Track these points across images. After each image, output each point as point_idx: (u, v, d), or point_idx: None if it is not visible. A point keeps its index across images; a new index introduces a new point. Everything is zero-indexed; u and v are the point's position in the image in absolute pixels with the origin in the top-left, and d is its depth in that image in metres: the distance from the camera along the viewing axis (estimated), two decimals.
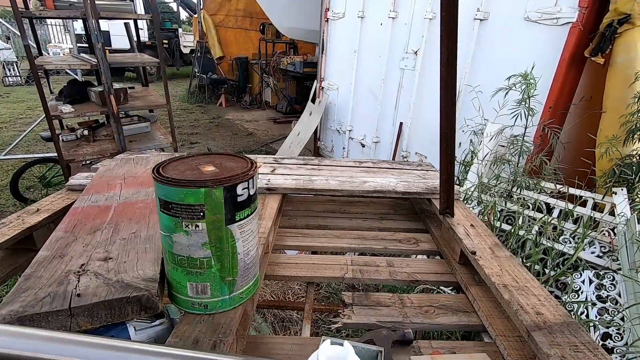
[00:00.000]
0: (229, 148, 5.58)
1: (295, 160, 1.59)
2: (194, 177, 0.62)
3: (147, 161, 1.32)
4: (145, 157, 1.38)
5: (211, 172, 0.66)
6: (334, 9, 3.96)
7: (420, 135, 3.16)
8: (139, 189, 1.08)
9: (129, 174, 1.20)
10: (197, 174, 0.65)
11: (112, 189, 1.08)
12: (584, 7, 1.96)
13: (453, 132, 1.03)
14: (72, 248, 0.77)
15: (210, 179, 0.61)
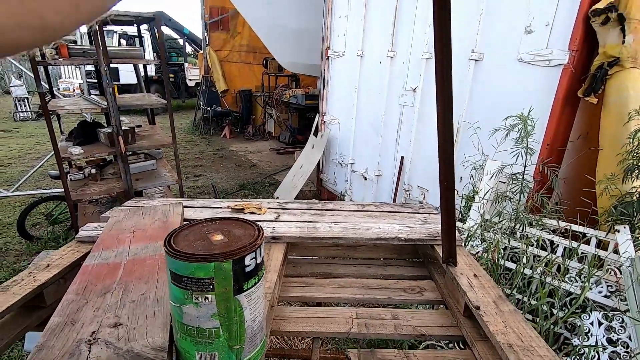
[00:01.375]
0: (232, 180, 5.64)
1: (298, 205, 1.62)
2: (203, 251, 0.65)
3: (154, 211, 1.36)
4: (152, 206, 1.41)
5: (220, 243, 0.69)
6: (334, 48, 4.12)
7: (422, 169, 3.20)
8: (148, 244, 1.11)
9: (137, 227, 1.23)
10: (207, 245, 0.68)
11: (121, 243, 1.11)
12: (574, 50, 2.05)
13: (452, 186, 1.07)
14: (84, 313, 0.79)
15: (219, 252, 0.64)
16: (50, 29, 0.19)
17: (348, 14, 3.85)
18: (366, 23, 3.61)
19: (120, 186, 2.92)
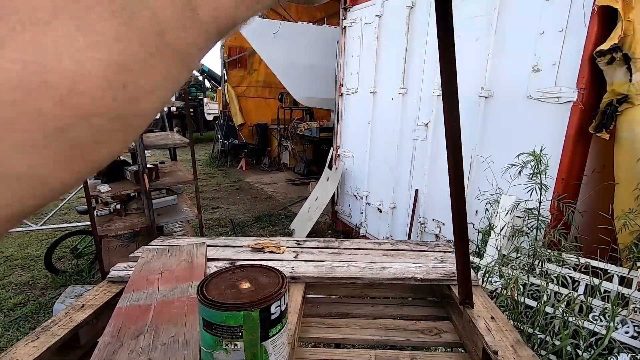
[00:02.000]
0: (249, 212, 5.74)
1: (316, 243, 1.67)
2: (233, 300, 0.71)
3: (180, 251, 1.43)
4: (178, 246, 1.49)
5: (248, 292, 0.74)
6: (348, 85, 4.30)
7: (436, 202, 3.22)
8: (175, 285, 1.17)
9: (165, 267, 1.30)
10: (236, 293, 0.74)
11: (150, 285, 1.18)
12: (582, 88, 2.10)
13: (465, 229, 1.10)
14: (119, 356, 0.85)
15: (248, 301, 0.70)
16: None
17: (360, 54, 4.04)
18: (378, 62, 3.77)
19: (144, 221, 3.04)
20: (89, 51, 0.16)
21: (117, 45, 0.17)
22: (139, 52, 0.18)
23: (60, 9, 0.15)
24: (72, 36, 0.16)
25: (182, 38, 0.20)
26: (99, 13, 0.16)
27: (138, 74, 0.18)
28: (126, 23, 0.17)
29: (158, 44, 0.19)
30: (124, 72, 0.18)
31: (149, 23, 0.18)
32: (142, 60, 0.18)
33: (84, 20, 0.16)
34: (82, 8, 0.16)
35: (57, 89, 0.16)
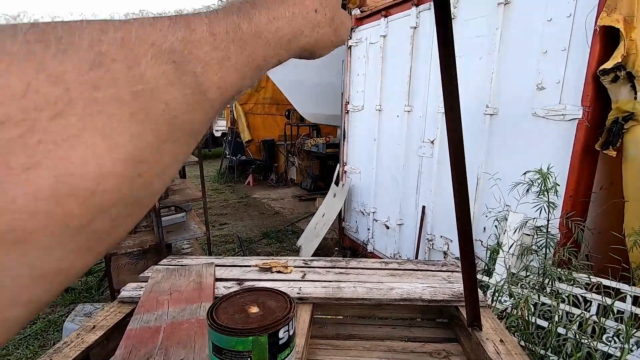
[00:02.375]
0: (256, 229, 5.76)
1: (323, 263, 1.68)
2: (242, 324, 0.72)
3: (189, 272, 1.45)
4: (187, 266, 1.51)
5: (256, 316, 0.76)
6: (353, 103, 4.36)
7: (444, 218, 3.21)
8: (184, 306, 1.19)
9: (174, 288, 1.32)
10: (245, 318, 0.75)
11: (160, 306, 1.20)
12: (587, 106, 2.12)
13: (471, 249, 1.11)
14: None
15: (256, 326, 0.71)
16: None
17: (365, 72, 4.11)
18: (383, 80, 3.83)
19: (152, 239, 3.07)
20: (109, 153, 0.18)
21: (133, 142, 0.19)
22: (153, 142, 0.20)
23: (87, 122, 0.17)
24: (96, 144, 0.17)
25: (192, 119, 0.22)
26: (120, 117, 0.18)
27: (152, 162, 0.20)
28: (142, 120, 0.19)
29: (170, 130, 0.21)
30: (139, 164, 0.19)
31: (162, 114, 0.20)
32: (155, 148, 0.20)
33: (107, 128, 0.18)
34: (106, 117, 0.18)
35: (82, 193, 0.17)
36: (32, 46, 0.16)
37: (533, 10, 2.40)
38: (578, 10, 2.14)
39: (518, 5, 2.51)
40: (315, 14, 0.32)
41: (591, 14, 2.06)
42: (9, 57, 0.15)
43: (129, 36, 0.19)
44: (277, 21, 0.28)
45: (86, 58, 0.17)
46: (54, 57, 0.16)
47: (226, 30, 0.24)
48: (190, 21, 0.23)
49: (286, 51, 0.30)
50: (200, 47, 0.22)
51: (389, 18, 3.71)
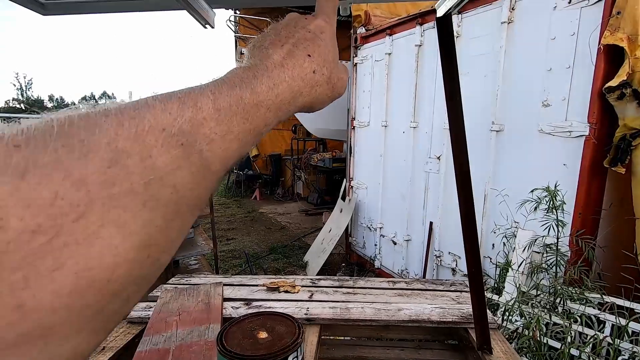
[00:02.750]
0: (263, 244, 5.76)
1: (330, 282, 1.67)
2: (251, 351, 0.73)
3: (197, 292, 1.46)
4: (195, 286, 1.52)
5: (265, 342, 0.76)
6: (359, 119, 4.40)
7: (452, 235, 3.19)
8: (193, 328, 1.19)
9: (183, 309, 1.33)
10: (254, 344, 0.76)
11: (169, 327, 1.20)
12: (593, 123, 2.12)
13: (479, 271, 1.11)
14: None
15: (265, 352, 0.72)
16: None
17: (371, 89, 4.17)
18: (388, 97, 3.88)
19: None
20: (123, 243, 0.19)
21: (145, 228, 0.20)
22: (162, 224, 0.21)
23: (105, 218, 0.18)
24: (112, 236, 0.19)
25: (198, 194, 0.24)
26: (133, 208, 0.20)
27: (160, 242, 0.22)
28: (153, 207, 0.21)
29: (177, 209, 0.22)
30: (149, 247, 0.21)
31: (170, 197, 0.22)
32: (163, 229, 0.21)
33: (121, 220, 0.19)
34: (121, 210, 0.19)
35: (99, 284, 0.18)
36: (60, 154, 0.18)
37: (536, 29, 2.43)
38: (581, 29, 2.16)
39: (521, 24, 2.55)
40: (314, 75, 0.34)
41: (594, 32, 2.08)
42: (41, 169, 0.17)
43: (142, 125, 0.21)
44: (278, 87, 0.30)
45: (105, 157, 0.19)
46: (77, 160, 0.18)
47: (229, 104, 0.26)
48: (197, 99, 0.24)
49: (286, 112, 0.32)
50: (206, 124, 0.24)
51: (394, 36, 3.78)
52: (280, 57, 0.32)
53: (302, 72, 0.33)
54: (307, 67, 0.33)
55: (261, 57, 0.32)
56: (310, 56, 0.34)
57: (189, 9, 0.84)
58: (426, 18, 3.37)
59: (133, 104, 0.22)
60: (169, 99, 0.23)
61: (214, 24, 1.01)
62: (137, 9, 0.90)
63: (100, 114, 0.21)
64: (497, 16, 2.67)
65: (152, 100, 0.23)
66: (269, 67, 0.31)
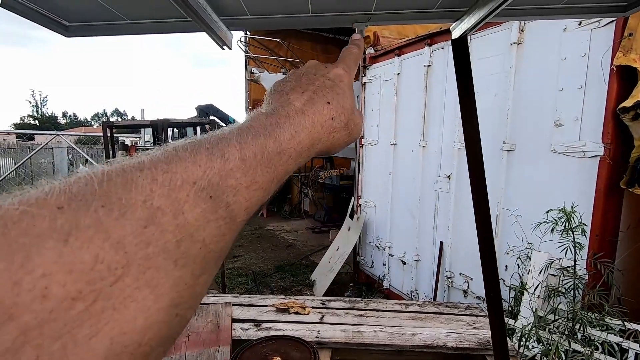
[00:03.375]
0: (269, 261, 5.70)
1: (341, 304, 1.64)
2: None
3: (207, 312, 1.43)
4: (204, 306, 1.50)
5: None
6: (368, 137, 4.41)
7: (463, 255, 3.12)
8: (202, 350, 1.16)
9: (192, 329, 1.30)
10: None
11: (177, 349, 1.18)
12: (608, 143, 2.09)
13: (499, 296, 1.07)
14: None
15: None
16: None
17: (380, 108, 4.19)
18: (397, 116, 3.89)
19: None
20: (155, 304, 0.19)
21: (175, 287, 0.20)
22: (190, 281, 0.21)
23: (140, 280, 0.18)
24: (145, 298, 0.19)
25: (223, 246, 0.24)
26: (165, 267, 0.20)
27: (187, 299, 0.21)
28: (183, 265, 0.21)
29: (204, 265, 0.22)
30: (178, 306, 0.20)
31: (199, 252, 0.22)
32: (191, 286, 0.21)
33: (154, 280, 0.19)
34: (154, 270, 0.19)
35: (131, 348, 0.18)
36: (100, 215, 0.18)
37: (546, 49, 2.44)
38: (592, 49, 2.17)
39: (531, 45, 2.56)
40: (332, 121, 0.35)
41: (606, 53, 2.08)
42: (83, 232, 0.17)
43: (175, 180, 0.22)
44: (299, 135, 0.31)
45: (142, 216, 0.19)
46: (116, 221, 0.18)
47: (254, 154, 0.27)
48: (224, 150, 0.25)
49: (305, 158, 0.32)
50: (232, 175, 0.25)
51: (403, 57, 3.82)
52: (301, 103, 0.33)
53: (322, 118, 0.34)
54: (327, 114, 0.34)
55: (282, 103, 0.33)
56: (329, 103, 0.35)
57: (209, 31, 0.86)
58: (435, 39, 3.41)
59: (164, 155, 0.23)
60: (198, 151, 0.24)
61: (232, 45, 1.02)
62: (159, 31, 0.92)
63: (135, 168, 0.21)
64: (506, 37, 2.69)
65: (182, 151, 0.24)
66: (290, 115, 0.32)
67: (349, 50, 0.44)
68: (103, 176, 0.20)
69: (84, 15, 0.88)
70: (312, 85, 0.36)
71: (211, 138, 0.26)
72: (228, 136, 0.26)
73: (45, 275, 0.16)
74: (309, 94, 0.34)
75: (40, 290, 0.15)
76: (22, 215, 0.17)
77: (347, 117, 0.36)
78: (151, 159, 0.22)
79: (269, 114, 0.31)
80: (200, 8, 0.76)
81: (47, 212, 0.17)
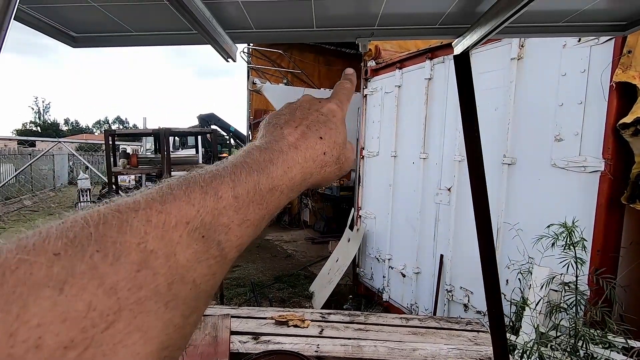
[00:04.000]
0: (268, 272, 5.66)
1: (341, 317, 1.62)
2: None
3: (204, 324, 1.42)
4: (202, 318, 1.48)
5: None
6: (369, 149, 4.43)
7: (463, 269, 3.10)
8: None
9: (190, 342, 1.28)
10: None
11: None
12: (608, 159, 2.09)
13: (501, 314, 1.06)
14: None
15: None
16: None
17: (381, 120, 4.22)
18: (398, 128, 3.91)
19: None
20: (144, 347, 0.19)
21: (164, 330, 0.20)
22: (180, 322, 0.21)
23: (131, 325, 0.18)
24: (135, 343, 0.19)
25: (214, 283, 0.24)
26: (156, 310, 0.20)
27: (177, 340, 0.21)
28: (174, 307, 0.21)
29: (195, 304, 0.22)
30: (167, 348, 0.20)
31: (189, 293, 0.22)
32: (180, 327, 0.21)
33: (145, 324, 0.19)
34: (145, 314, 0.19)
35: None
36: (95, 260, 0.18)
37: (546, 65, 2.47)
38: (592, 66, 2.19)
39: (531, 60, 2.59)
40: (324, 156, 0.35)
41: (606, 70, 2.10)
42: (78, 279, 0.17)
43: (169, 221, 0.22)
44: (291, 171, 0.32)
45: (135, 260, 0.20)
46: (111, 266, 0.19)
47: (247, 191, 0.27)
48: (218, 188, 0.26)
49: (296, 192, 0.33)
50: (225, 213, 0.25)
51: (404, 70, 3.86)
52: (295, 138, 0.34)
53: (314, 153, 0.34)
54: (319, 149, 0.35)
55: (276, 137, 0.34)
56: (322, 139, 0.36)
57: (214, 44, 0.87)
58: (436, 53, 3.45)
59: (159, 194, 0.23)
60: (193, 189, 0.25)
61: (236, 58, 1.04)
62: (165, 43, 0.94)
63: (130, 209, 0.22)
64: (507, 52, 2.72)
65: (177, 189, 0.24)
66: (283, 150, 0.32)
67: (342, 86, 0.45)
68: (99, 218, 0.20)
69: (91, 27, 0.89)
70: (305, 119, 0.36)
71: (206, 175, 0.26)
72: (222, 173, 0.27)
73: (40, 325, 0.16)
74: (302, 129, 0.35)
75: (34, 341, 0.16)
76: (20, 263, 0.17)
77: (339, 151, 0.37)
78: (147, 199, 0.23)
79: (262, 148, 0.32)
80: (207, 21, 0.77)
81: (44, 259, 0.17)
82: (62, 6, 0.77)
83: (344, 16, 0.85)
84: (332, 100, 0.41)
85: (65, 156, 15.98)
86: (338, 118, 0.39)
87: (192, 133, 6.14)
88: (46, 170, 14.57)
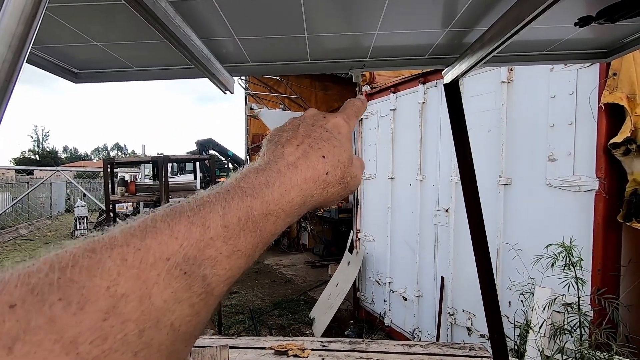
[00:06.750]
0: (267, 298, 5.55)
1: (342, 345, 1.58)
2: None
3: (202, 356, 1.38)
4: (200, 349, 1.44)
5: None
6: (366, 171, 4.45)
7: (465, 291, 3.06)
8: None
9: None
10: None
11: None
12: (602, 178, 2.12)
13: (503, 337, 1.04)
14: None
15: None
16: None
17: (377, 143, 4.27)
18: (394, 150, 3.96)
19: None
20: None
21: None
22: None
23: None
24: None
25: (197, 322, 0.22)
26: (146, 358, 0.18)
27: None
28: (146, 356, 0.19)
29: (172, 349, 0.20)
30: None
31: (165, 338, 0.20)
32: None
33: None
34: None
35: None
36: (55, 311, 0.16)
37: (535, 87, 2.54)
38: (579, 88, 2.25)
39: (520, 83, 2.66)
40: (326, 176, 0.33)
41: (594, 91, 2.16)
42: (32, 335, 0.16)
43: (146, 258, 0.20)
44: (289, 194, 0.29)
45: (102, 308, 0.18)
46: (73, 316, 0.17)
47: (238, 219, 0.25)
48: (206, 217, 0.23)
49: (295, 217, 0.31)
50: (212, 244, 0.23)
51: (398, 94, 3.95)
52: (295, 158, 0.32)
53: (315, 174, 0.32)
54: (321, 169, 0.33)
55: (275, 157, 0.32)
56: (324, 157, 0.34)
57: (212, 78, 0.90)
58: (428, 77, 3.54)
59: (140, 228, 0.21)
60: (178, 220, 0.23)
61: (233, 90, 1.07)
62: (164, 77, 0.97)
63: (105, 247, 0.20)
64: (497, 76, 2.80)
65: (161, 222, 0.22)
66: (282, 171, 0.30)
67: (352, 102, 0.43)
68: (69, 260, 0.18)
69: (92, 64, 0.92)
70: (308, 137, 0.34)
71: (196, 202, 0.25)
72: (213, 199, 0.25)
73: None
74: (304, 147, 0.33)
75: None
76: None
77: (343, 171, 0.35)
78: (125, 234, 0.21)
79: (260, 170, 0.30)
80: (205, 57, 0.80)
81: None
82: (66, 46, 0.80)
83: (337, 49, 0.88)
84: (338, 115, 0.39)
85: (63, 184, 15.96)
86: (343, 134, 0.37)
87: (190, 159, 6.19)
88: (43, 198, 14.50)
